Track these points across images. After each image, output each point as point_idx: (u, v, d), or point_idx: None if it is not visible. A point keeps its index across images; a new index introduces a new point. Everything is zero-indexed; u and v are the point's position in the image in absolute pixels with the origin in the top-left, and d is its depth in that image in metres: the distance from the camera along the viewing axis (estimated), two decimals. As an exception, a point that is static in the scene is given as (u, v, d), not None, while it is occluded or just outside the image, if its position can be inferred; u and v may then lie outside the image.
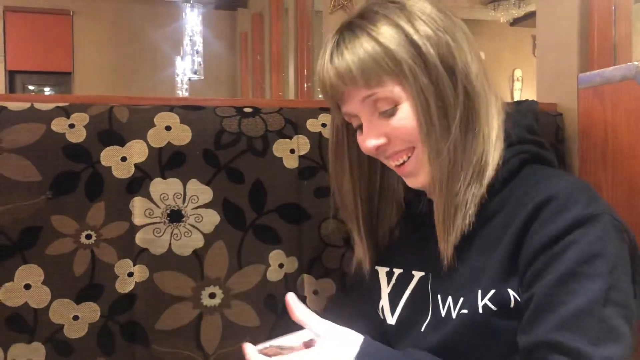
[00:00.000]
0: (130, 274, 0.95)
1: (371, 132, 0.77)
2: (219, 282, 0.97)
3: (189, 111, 0.99)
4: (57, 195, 0.91)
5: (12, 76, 6.81)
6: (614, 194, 0.98)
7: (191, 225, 0.97)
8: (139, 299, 0.95)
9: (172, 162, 0.96)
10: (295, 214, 1.01)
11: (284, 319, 0.80)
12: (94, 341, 0.93)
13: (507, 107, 0.82)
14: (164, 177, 0.96)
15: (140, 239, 0.94)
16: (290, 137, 1.01)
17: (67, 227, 0.92)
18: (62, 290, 0.92)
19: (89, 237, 0.93)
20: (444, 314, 0.76)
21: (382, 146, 0.77)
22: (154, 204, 0.95)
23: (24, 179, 0.90)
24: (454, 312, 0.74)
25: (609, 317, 0.64)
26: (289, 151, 1.01)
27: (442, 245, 0.76)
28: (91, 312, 0.93)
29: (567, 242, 0.67)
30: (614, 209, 0.71)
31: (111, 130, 0.94)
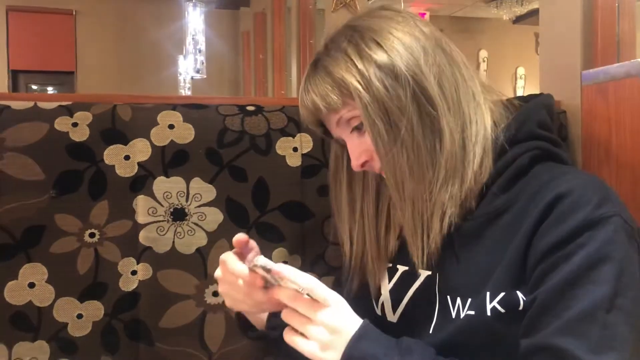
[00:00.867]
0: (133, 273, 0.95)
1: (353, 152, 0.80)
2: (222, 280, 0.97)
3: (191, 110, 0.99)
4: (61, 194, 0.91)
5: (15, 76, 6.82)
6: (618, 191, 0.96)
7: (194, 223, 0.97)
8: (142, 297, 0.95)
9: (175, 161, 0.96)
10: (298, 212, 1.01)
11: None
12: (98, 339, 0.93)
13: (511, 101, 0.81)
14: (167, 176, 0.96)
15: (143, 237, 0.95)
16: (293, 135, 1.01)
17: (70, 225, 0.92)
18: (66, 288, 0.92)
19: (92, 235, 0.93)
20: (454, 314, 0.75)
21: (367, 163, 0.80)
22: (158, 202, 0.95)
23: (28, 178, 0.90)
24: (462, 313, 0.74)
25: (612, 324, 0.63)
26: (291, 149, 1.01)
27: (415, 252, 0.77)
28: (95, 310, 0.93)
29: (576, 244, 0.66)
30: (627, 210, 0.69)
31: (114, 129, 0.94)
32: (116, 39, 6.88)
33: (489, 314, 0.71)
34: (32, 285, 0.91)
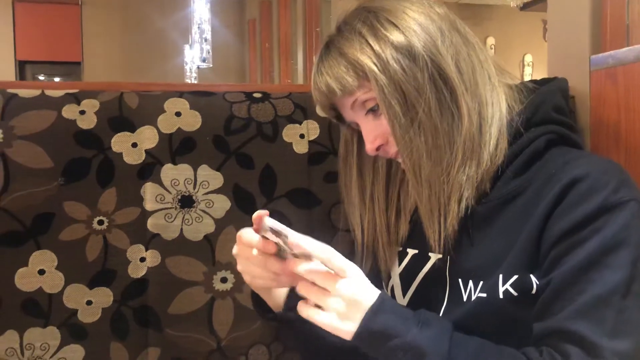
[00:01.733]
0: (142, 259, 0.95)
1: (368, 136, 0.79)
2: (230, 266, 0.98)
3: (198, 97, 0.99)
4: (69, 181, 0.92)
5: (22, 66, 6.85)
6: (627, 177, 0.97)
7: (202, 210, 0.97)
8: (151, 284, 0.95)
9: (182, 148, 0.96)
10: (305, 199, 1.01)
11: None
12: (108, 325, 0.94)
13: (526, 84, 0.81)
14: (175, 163, 0.96)
15: (152, 224, 0.95)
16: (299, 122, 1.01)
17: (79, 213, 0.92)
18: (75, 275, 0.93)
19: (101, 222, 0.94)
20: (465, 297, 0.75)
21: (382, 147, 0.79)
22: (165, 189, 0.95)
23: (36, 166, 0.90)
24: (473, 296, 0.74)
25: (628, 309, 0.63)
26: (298, 136, 1.01)
27: (432, 235, 0.76)
28: (104, 297, 0.94)
29: (591, 229, 0.66)
30: None
31: (121, 116, 0.94)
32: (122, 29, 6.89)
33: (501, 296, 0.70)
34: (42, 272, 0.92)
